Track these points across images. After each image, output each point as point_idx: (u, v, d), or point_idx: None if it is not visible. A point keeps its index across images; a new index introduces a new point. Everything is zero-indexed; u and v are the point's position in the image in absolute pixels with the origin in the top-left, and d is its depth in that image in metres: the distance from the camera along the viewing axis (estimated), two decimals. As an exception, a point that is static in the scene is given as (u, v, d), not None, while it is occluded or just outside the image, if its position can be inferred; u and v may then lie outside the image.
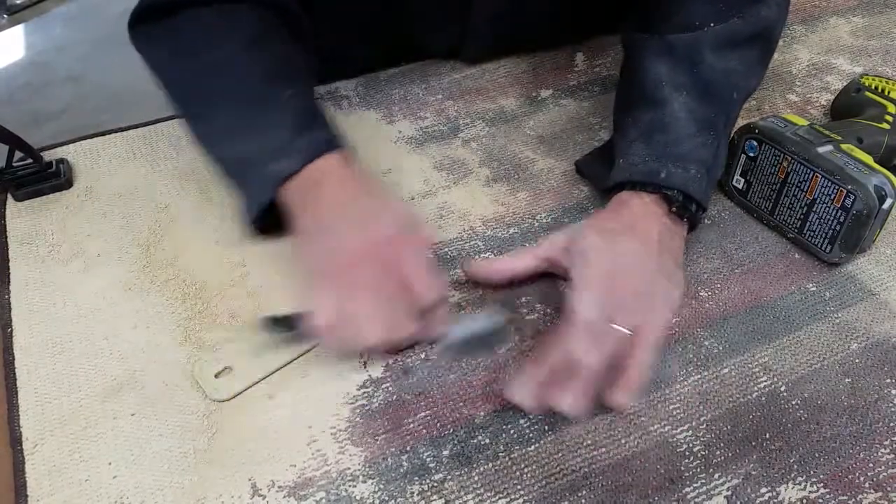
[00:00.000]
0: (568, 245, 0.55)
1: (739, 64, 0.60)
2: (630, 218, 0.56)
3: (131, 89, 2.16)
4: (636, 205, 0.56)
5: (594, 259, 0.53)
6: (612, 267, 0.52)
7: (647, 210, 0.56)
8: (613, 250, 0.53)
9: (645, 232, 0.55)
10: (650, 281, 0.53)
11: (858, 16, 0.85)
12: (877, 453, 0.48)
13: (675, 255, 0.56)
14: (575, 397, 0.48)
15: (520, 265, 0.57)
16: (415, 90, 0.76)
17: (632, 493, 0.46)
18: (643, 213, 0.56)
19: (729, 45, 0.60)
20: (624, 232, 0.54)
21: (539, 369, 0.49)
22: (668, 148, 0.57)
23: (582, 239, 0.54)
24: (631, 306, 0.51)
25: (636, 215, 0.56)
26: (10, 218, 0.63)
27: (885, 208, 0.54)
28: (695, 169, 0.56)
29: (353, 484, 0.47)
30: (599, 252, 0.53)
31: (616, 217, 0.56)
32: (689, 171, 0.56)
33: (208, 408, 0.51)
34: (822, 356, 0.53)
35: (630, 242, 0.54)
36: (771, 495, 0.46)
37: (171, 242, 0.61)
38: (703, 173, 0.57)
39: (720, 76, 0.59)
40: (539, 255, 0.57)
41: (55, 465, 0.48)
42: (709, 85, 0.59)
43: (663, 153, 0.57)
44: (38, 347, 0.54)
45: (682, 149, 0.57)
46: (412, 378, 0.52)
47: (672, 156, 0.57)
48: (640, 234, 0.54)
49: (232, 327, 0.55)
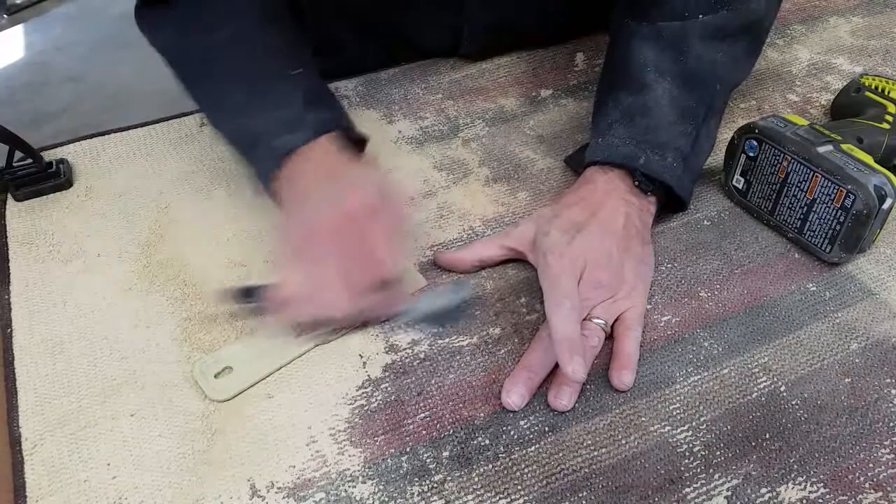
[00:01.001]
0: (534, 240, 0.56)
1: (726, 56, 0.61)
2: (594, 202, 0.57)
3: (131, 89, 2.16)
4: (600, 181, 0.58)
5: (559, 261, 0.53)
6: (579, 264, 0.53)
7: (612, 186, 0.58)
8: (578, 247, 0.54)
9: (608, 219, 0.56)
10: (618, 267, 0.55)
11: (858, 16, 0.85)
12: (877, 453, 0.48)
13: (642, 234, 0.58)
14: (569, 400, 0.50)
15: (486, 254, 0.58)
16: (415, 90, 0.76)
17: (632, 494, 0.46)
18: (606, 192, 0.58)
19: (717, 36, 0.60)
20: (587, 223, 0.55)
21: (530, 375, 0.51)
22: (648, 133, 0.58)
23: (545, 237, 0.55)
24: (604, 299, 0.54)
25: (599, 196, 0.57)
26: (10, 218, 0.63)
27: (885, 208, 0.54)
28: (671, 157, 0.58)
29: (353, 485, 0.47)
30: (563, 253, 0.54)
31: (580, 202, 0.57)
32: (665, 158, 0.57)
33: (208, 408, 0.51)
34: (821, 356, 0.53)
35: (593, 234, 0.55)
36: (771, 495, 0.46)
37: (171, 242, 0.61)
38: (679, 162, 0.58)
39: (706, 66, 0.60)
40: (506, 245, 0.58)
41: (54, 465, 0.48)
42: (693, 74, 0.60)
43: (643, 138, 0.58)
44: (37, 347, 0.54)
45: (661, 136, 0.58)
46: (411, 378, 0.52)
47: (651, 142, 0.58)
48: (604, 222, 0.56)
49: (232, 328, 0.55)
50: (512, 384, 0.50)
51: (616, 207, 0.57)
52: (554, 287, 0.52)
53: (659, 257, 0.60)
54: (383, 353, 0.54)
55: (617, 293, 0.54)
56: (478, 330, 0.55)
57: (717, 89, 0.61)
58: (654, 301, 0.57)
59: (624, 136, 0.59)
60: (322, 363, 0.53)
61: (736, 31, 0.61)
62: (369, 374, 0.52)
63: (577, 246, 0.54)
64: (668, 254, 0.60)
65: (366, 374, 0.52)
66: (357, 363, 0.53)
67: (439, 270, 0.59)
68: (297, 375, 0.52)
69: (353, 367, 0.53)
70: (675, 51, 0.60)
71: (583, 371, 0.48)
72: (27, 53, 2.42)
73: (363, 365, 0.53)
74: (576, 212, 0.57)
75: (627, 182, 0.58)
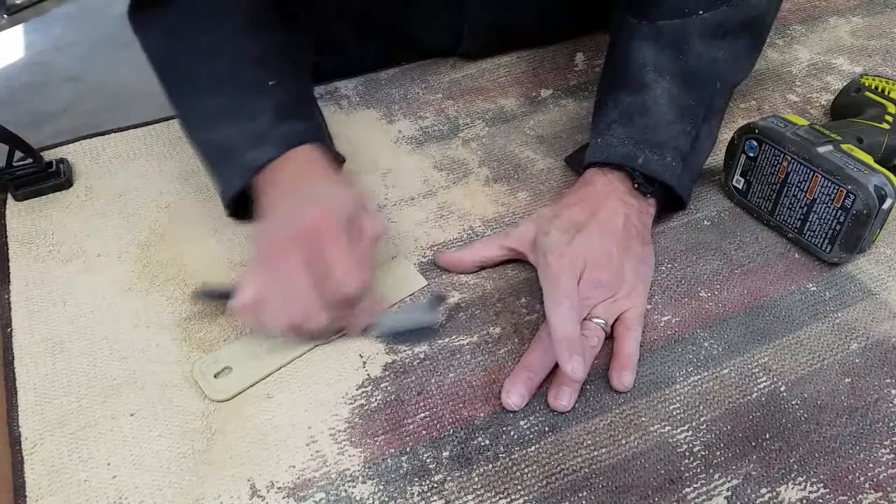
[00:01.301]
0: (534, 240, 0.56)
1: (726, 53, 0.61)
2: (594, 203, 0.57)
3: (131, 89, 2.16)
4: (600, 183, 0.58)
5: (559, 260, 0.53)
6: (579, 264, 0.53)
7: (611, 188, 0.58)
8: (578, 247, 0.54)
9: (608, 219, 0.56)
10: (618, 267, 0.55)
11: (858, 16, 0.85)
12: (877, 453, 0.48)
13: (642, 234, 0.58)
14: (569, 401, 0.50)
15: (486, 254, 0.59)
16: (415, 90, 0.76)
17: (632, 494, 0.46)
18: (606, 193, 0.58)
19: (717, 34, 0.60)
20: (587, 223, 0.56)
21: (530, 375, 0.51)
22: (647, 133, 0.58)
23: (545, 237, 0.55)
24: (605, 298, 0.54)
25: (599, 197, 0.58)
26: (10, 218, 0.63)
27: (885, 208, 0.54)
28: (670, 157, 0.58)
29: (353, 485, 0.47)
30: (563, 253, 0.54)
31: (580, 203, 0.58)
32: (664, 158, 0.58)
33: (207, 408, 0.51)
34: (821, 356, 0.53)
35: (593, 234, 0.55)
36: (771, 495, 0.46)
37: (171, 242, 0.61)
38: (678, 161, 0.58)
39: (706, 64, 0.60)
40: (506, 245, 0.58)
41: (54, 465, 0.48)
42: (693, 73, 0.60)
43: (642, 138, 0.58)
44: (37, 347, 0.54)
45: (661, 135, 0.58)
46: (411, 378, 0.52)
47: (650, 142, 0.58)
48: (604, 222, 0.56)
49: (232, 328, 0.55)
50: (512, 384, 0.50)
51: (616, 208, 0.57)
52: (554, 286, 0.52)
53: (659, 257, 0.60)
54: (383, 353, 0.54)
55: (617, 293, 0.54)
56: (478, 329, 0.55)
57: (718, 88, 0.61)
58: (654, 301, 0.57)
59: (623, 135, 0.59)
60: (322, 363, 0.53)
61: (736, 28, 0.61)
62: (369, 373, 0.52)
63: (578, 246, 0.54)
64: (668, 254, 0.60)
65: (366, 374, 0.52)
66: (357, 363, 0.53)
67: (439, 270, 0.59)
68: (297, 375, 0.52)
69: (353, 366, 0.53)
70: (674, 49, 0.60)
71: (582, 370, 0.48)
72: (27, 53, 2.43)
73: (363, 364, 0.53)
74: (576, 212, 0.57)
75: (627, 184, 0.58)
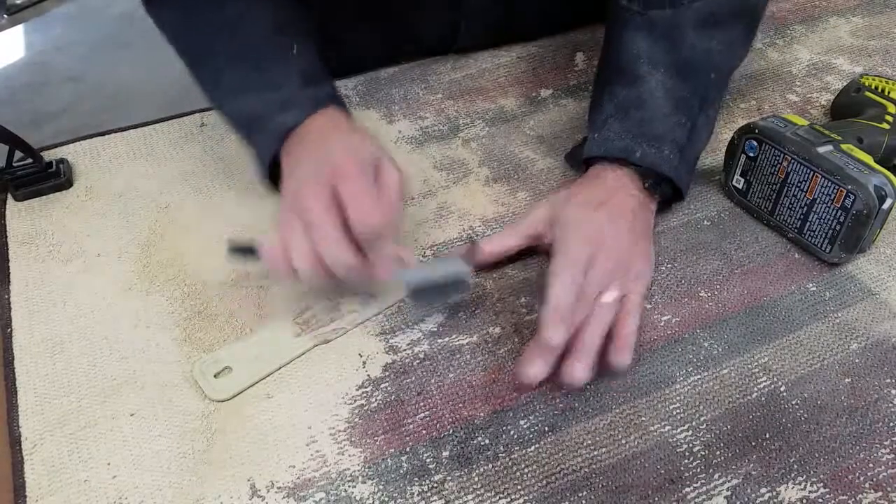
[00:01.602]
0: (550, 217, 0.57)
1: (720, 43, 0.61)
2: (605, 191, 0.58)
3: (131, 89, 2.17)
4: (610, 178, 0.59)
5: (576, 230, 0.54)
6: (594, 236, 0.54)
7: (620, 183, 0.58)
8: (594, 221, 0.55)
9: (620, 206, 0.57)
10: (628, 252, 0.55)
11: (858, 16, 0.85)
12: (877, 453, 0.48)
13: (647, 230, 0.58)
14: (583, 369, 0.49)
15: (507, 245, 0.58)
16: (415, 90, 0.76)
17: (632, 494, 0.46)
18: (616, 187, 0.58)
19: (709, 23, 0.60)
20: (602, 205, 0.56)
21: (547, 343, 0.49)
22: (643, 126, 0.59)
23: (563, 210, 0.56)
24: (615, 275, 0.53)
25: (611, 189, 0.58)
26: (10, 218, 0.63)
27: (885, 208, 0.54)
28: (668, 149, 0.58)
29: (353, 484, 0.47)
30: (580, 224, 0.55)
31: (592, 190, 0.58)
32: (662, 150, 0.58)
33: (207, 408, 0.51)
34: (821, 356, 0.53)
35: (608, 215, 0.55)
36: (771, 495, 0.46)
37: (171, 242, 0.61)
38: (675, 153, 0.58)
39: (700, 55, 0.60)
40: (523, 233, 0.58)
41: (54, 465, 0.48)
42: (687, 64, 0.60)
43: (638, 131, 0.58)
44: (37, 347, 0.54)
45: (657, 128, 0.58)
46: (411, 378, 0.52)
47: (646, 135, 0.58)
48: (616, 208, 0.56)
49: (232, 328, 0.55)
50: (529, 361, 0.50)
51: (624, 199, 0.57)
52: (564, 254, 0.52)
53: (659, 257, 0.60)
54: (383, 353, 0.54)
55: (628, 273, 0.54)
56: (478, 329, 0.55)
57: (712, 78, 0.61)
58: (654, 301, 0.57)
59: (619, 130, 0.59)
60: (322, 363, 0.53)
61: (729, 16, 0.61)
62: (369, 373, 0.52)
63: (595, 220, 0.55)
64: (668, 254, 0.60)
65: (366, 374, 0.52)
66: (357, 363, 0.53)
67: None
68: (297, 375, 0.52)
69: (352, 366, 0.53)
70: (667, 41, 0.60)
71: (560, 339, 0.49)
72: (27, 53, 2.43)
73: (363, 364, 0.53)
74: (590, 196, 0.57)
75: (637, 182, 0.58)
